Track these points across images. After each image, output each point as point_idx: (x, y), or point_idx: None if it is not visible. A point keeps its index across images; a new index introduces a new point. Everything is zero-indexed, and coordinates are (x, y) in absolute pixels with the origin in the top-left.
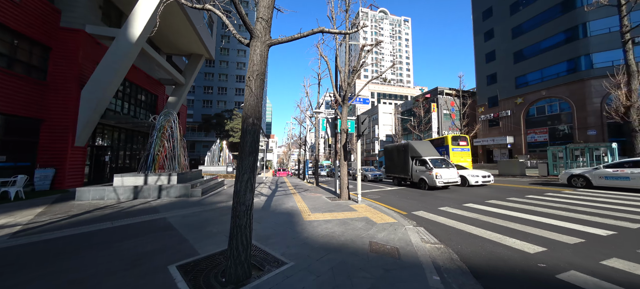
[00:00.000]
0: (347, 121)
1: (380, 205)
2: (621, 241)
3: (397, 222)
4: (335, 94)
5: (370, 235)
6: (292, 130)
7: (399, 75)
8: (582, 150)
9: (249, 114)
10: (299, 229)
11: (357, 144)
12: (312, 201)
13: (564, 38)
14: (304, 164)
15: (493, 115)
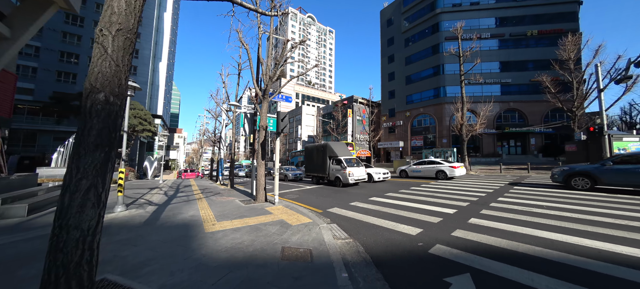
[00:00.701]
0: (267, 118)
1: (298, 205)
2: (460, 216)
3: (312, 222)
4: (256, 87)
5: (283, 240)
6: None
7: (322, 80)
8: (439, 152)
9: (99, 87)
10: (194, 246)
11: (276, 142)
12: (221, 207)
13: (432, 72)
14: (218, 163)
15: (392, 123)
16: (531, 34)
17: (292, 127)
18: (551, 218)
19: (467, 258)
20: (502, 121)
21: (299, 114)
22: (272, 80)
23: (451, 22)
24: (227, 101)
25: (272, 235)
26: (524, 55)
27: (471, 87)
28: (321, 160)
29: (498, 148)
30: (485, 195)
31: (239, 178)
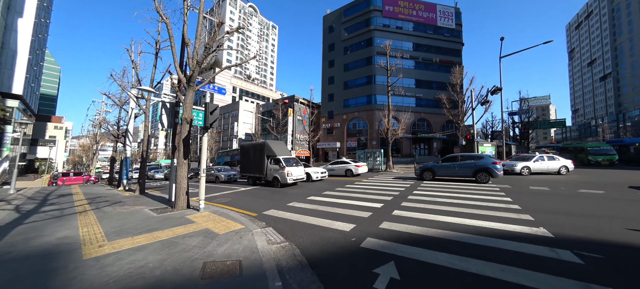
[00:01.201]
0: (192, 110)
1: (229, 209)
2: (386, 209)
3: (244, 227)
4: (179, 72)
5: (207, 253)
6: (104, 114)
7: (263, 76)
8: (369, 153)
9: None
10: (57, 284)
11: (204, 138)
12: (119, 220)
13: (366, 81)
14: (121, 164)
15: (330, 125)
16: (435, 61)
17: (227, 124)
18: (443, 205)
19: (392, 247)
20: (416, 127)
21: (236, 110)
22: (200, 66)
23: (382, 39)
24: (139, 85)
25: (192, 249)
26: (430, 77)
27: (395, 97)
28: (258, 159)
29: (413, 150)
30: (404, 189)
31: (155, 182)
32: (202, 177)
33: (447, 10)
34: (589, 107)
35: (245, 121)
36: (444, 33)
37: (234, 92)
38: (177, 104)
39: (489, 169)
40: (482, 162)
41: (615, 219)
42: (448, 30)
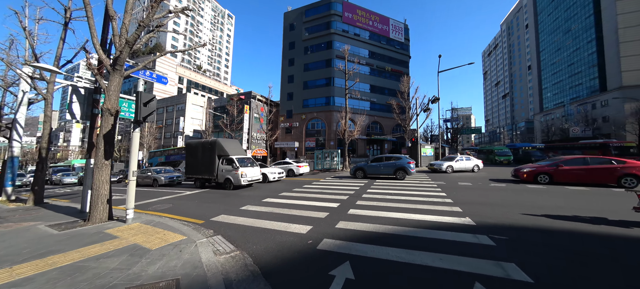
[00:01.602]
0: (118, 98)
1: (169, 218)
2: (342, 209)
3: (186, 238)
4: (99, 51)
5: (132, 276)
6: None
7: (216, 68)
8: (327, 153)
9: None
10: None
11: (135, 134)
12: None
13: (325, 82)
14: (4, 165)
15: (289, 124)
16: (388, 69)
17: (171, 118)
18: (393, 202)
19: (348, 246)
20: (370, 129)
21: (183, 103)
22: (130, 46)
23: (341, 43)
24: (35, 62)
25: (110, 274)
26: (383, 83)
27: (352, 100)
28: (208, 159)
29: (367, 150)
30: (359, 188)
31: (64, 188)
32: (131, 181)
33: (398, 25)
34: (495, 118)
35: (193, 117)
36: (395, 45)
37: (181, 83)
38: (96, 91)
39: (404, 168)
40: (400, 162)
41: (513, 206)
42: (398, 43)
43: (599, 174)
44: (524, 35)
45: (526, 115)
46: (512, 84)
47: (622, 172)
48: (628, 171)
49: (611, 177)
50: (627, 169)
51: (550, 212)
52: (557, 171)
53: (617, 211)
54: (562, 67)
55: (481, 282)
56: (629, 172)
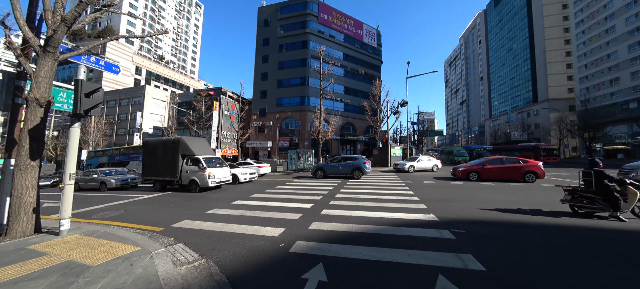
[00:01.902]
0: (51, 87)
1: (119, 226)
2: (315, 209)
3: (140, 249)
4: (24, 27)
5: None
6: None
7: (181, 60)
8: (301, 153)
9: None
10: None
11: (73, 130)
12: None
13: (300, 82)
14: None
15: (262, 123)
16: (361, 72)
17: (125, 113)
18: (365, 201)
19: (321, 247)
20: (344, 130)
21: (140, 97)
22: (68, 26)
23: (316, 44)
24: None
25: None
26: (357, 86)
27: (327, 101)
28: (170, 159)
29: (341, 150)
30: (333, 188)
31: None
32: (68, 185)
33: (371, 30)
34: (455, 122)
35: (154, 112)
36: (368, 49)
37: (138, 73)
38: (19, 76)
39: (361, 168)
40: (356, 162)
41: (469, 202)
42: (371, 48)
43: (511, 171)
44: (478, 50)
45: (479, 120)
46: (469, 92)
47: (526, 169)
48: (530, 169)
49: (519, 174)
50: (529, 167)
51: (499, 206)
52: (483, 169)
53: (548, 203)
54: (506, 80)
55: (443, 274)
56: (530, 170)
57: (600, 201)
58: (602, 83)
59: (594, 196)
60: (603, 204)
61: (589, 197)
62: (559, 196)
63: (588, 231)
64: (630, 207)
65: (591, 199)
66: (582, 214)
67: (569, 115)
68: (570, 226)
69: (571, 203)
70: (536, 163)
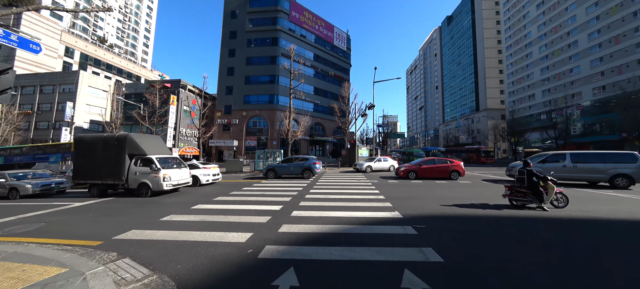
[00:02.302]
0: None
1: (36, 244)
2: (285, 211)
3: (68, 270)
4: None
5: None
6: None
7: (130, 45)
8: (269, 153)
9: None
10: None
11: None
12: None
13: (269, 79)
14: None
15: (227, 121)
16: (331, 74)
17: (50, 102)
18: (334, 201)
19: (291, 251)
20: (313, 130)
21: (72, 84)
22: None
23: (287, 42)
24: None
25: None
26: (326, 87)
27: (296, 101)
28: (114, 159)
29: (310, 151)
30: (302, 189)
31: None
32: None
33: (341, 33)
34: (414, 126)
35: (91, 103)
36: (338, 52)
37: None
38: None
39: (311, 168)
40: (307, 163)
41: (428, 199)
42: (341, 51)
43: (441, 170)
44: (434, 62)
45: (434, 124)
46: (426, 99)
47: (451, 169)
48: (454, 168)
49: (447, 172)
50: (453, 167)
51: (454, 202)
52: (419, 169)
53: (493, 197)
54: (456, 90)
55: (409, 268)
56: (455, 169)
57: (530, 194)
58: (523, 97)
59: (526, 191)
60: (532, 197)
61: (523, 192)
62: (498, 191)
63: (522, 220)
64: (549, 199)
65: (524, 193)
66: (518, 206)
67: (501, 123)
68: (510, 217)
69: (510, 197)
70: (459, 163)
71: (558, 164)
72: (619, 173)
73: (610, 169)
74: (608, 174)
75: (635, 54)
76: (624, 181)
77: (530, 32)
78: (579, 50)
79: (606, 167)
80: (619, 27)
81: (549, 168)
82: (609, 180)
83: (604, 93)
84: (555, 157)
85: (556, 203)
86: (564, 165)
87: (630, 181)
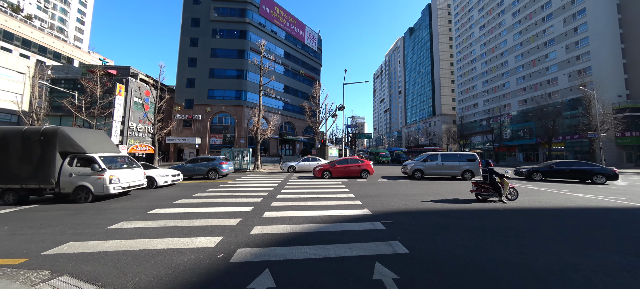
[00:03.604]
0: None
1: None
2: (257, 212)
3: None
4: None
5: None
6: None
7: (57, 19)
8: (237, 152)
9: None
10: None
11: None
12: None
13: (236, 74)
14: None
15: (188, 116)
16: (302, 73)
17: None
18: (306, 200)
19: (265, 252)
20: (283, 129)
21: None
22: None
23: (257, 36)
24: None
25: None
26: (297, 86)
27: (266, 98)
28: (37, 158)
29: (280, 150)
30: (273, 189)
31: None
32: None
33: (312, 33)
34: (380, 127)
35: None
36: (309, 52)
37: None
38: None
39: (216, 168)
40: (213, 163)
41: (393, 196)
42: (312, 51)
43: (353, 169)
44: (398, 68)
45: (398, 127)
46: (391, 103)
47: (362, 168)
48: (364, 167)
49: (358, 171)
50: (363, 166)
51: (423, 198)
52: (333, 168)
53: (463, 192)
54: (416, 96)
55: (379, 261)
56: (364, 169)
57: (491, 190)
58: (470, 106)
59: (488, 186)
60: (493, 192)
61: (485, 187)
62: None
63: (485, 211)
64: (505, 193)
65: (487, 188)
66: (482, 200)
67: (452, 127)
68: (470, 210)
69: (476, 192)
70: (368, 163)
71: (432, 163)
72: (466, 169)
73: (462, 166)
74: (460, 169)
75: (545, 76)
76: (468, 175)
77: (475, 50)
78: (508, 69)
79: (460, 165)
80: (535, 53)
81: (429, 165)
82: (461, 175)
83: (526, 105)
84: (433, 157)
85: (509, 197)
86: (437, 163)
87: (472, 175)
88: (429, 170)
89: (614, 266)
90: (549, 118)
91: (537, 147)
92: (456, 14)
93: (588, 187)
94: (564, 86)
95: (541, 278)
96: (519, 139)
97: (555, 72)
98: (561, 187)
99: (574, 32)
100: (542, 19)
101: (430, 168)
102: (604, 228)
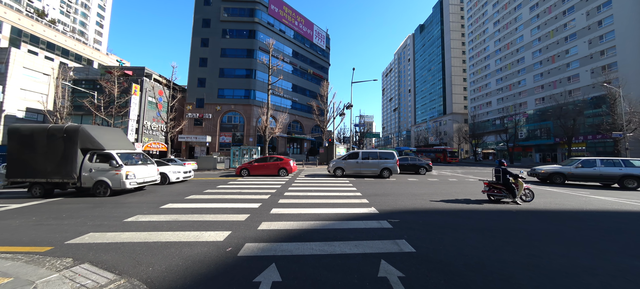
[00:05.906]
0: None
1: None
2: (264, 208)
3: (11, 280)
4: None
5: None
6: None
7: (79, 24)
8: (246, 150)
9: None
10: None
11: None
12: None
13: (245, 73)
14: None
15: (198, 115)
16: (310, 71)
17: None
18: (313, 198)
19: (272, 248)
20: (291, 128)
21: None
22: None
23: (265, 36)
24: None
25: None
26: (305, 85)
27: (274, 97)
28: (61, 154)
29: (287, 148)
30: (281, 186)
31: None
32: None
33: (321, 32)
34: (389, 126)
35: (27, 88)
36: (317, 50)
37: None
38: None
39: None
40: None
41: (402, 195)
42: (320, 49)
43: (270, 167)
44: (407, 66)
45: (407, 126)
46: (400, 101)
47: (280, 166)
48: (283, 166)
49: (275, 170)
50: (282, 164)
51: (432, 197)
52: (251, 166)
53: (475, 193)
54: (426, 94)
55: (385, 259)
56: (283, 166)
57: (504, 190)
58: (482, 104)
59: (501, 187)
60: (506, 193)
61: (498, 188)
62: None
63: (497, 212)
64: (520, 194)
65: (500, 189)
66: (494, 201)
67: (464, 126)
68: (486, 210)
69: (488, 193)
70: (288, 161)
71: (353, 161)
72: (385, 167)
73: (382, 164)
74: (379, 167)
75: (565, 72)
76: (386, 173)
77: (488, 47)
78: (525, 66)
79: (379, 163)
80: (554, 49)
81: (349, 164)
82: (379, 173)
83: (543, 104)
84: (354, 155)
85: (524, 198)
86: (358, 161)
87: (390, 173)
88: (350, 168)
89: (636, 271)
90: (569, 117)
91: (555, 148)
92: (469, 9)
93: (612, 192)
94: (586, 82)
95: (554, 281)
96: (535, 138)
97: (577, 69)
98: (581, 191)
99: (598, 26)
100: (562, 12)
101: (350, 166)
102: (627, 231)
